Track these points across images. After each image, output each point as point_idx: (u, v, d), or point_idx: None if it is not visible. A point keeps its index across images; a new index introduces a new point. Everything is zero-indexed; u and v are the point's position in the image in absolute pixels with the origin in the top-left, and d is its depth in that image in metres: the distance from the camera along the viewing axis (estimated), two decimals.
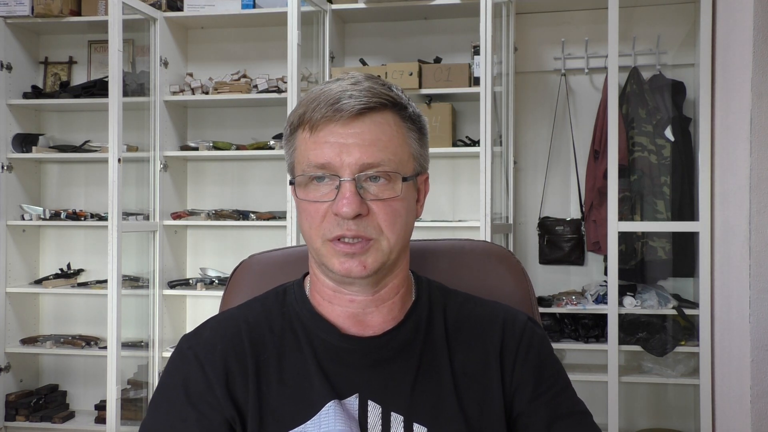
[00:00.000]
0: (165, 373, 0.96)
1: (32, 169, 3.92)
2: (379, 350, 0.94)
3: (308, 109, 0.90)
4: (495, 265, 1.15)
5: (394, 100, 0.91)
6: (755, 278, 2.20)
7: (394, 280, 0.96)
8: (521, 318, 0.99)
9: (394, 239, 0.90)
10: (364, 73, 0.94)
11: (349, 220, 0.87)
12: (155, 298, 3.53)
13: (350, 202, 0.86)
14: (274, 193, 3.75)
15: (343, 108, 0.88)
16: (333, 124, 0.88)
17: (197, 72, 3.81)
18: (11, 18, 3.65)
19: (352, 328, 0.95)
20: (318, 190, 0.90)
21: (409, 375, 0.93)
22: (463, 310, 0.99)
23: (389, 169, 0.89)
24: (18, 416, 3.64)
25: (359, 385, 0.92)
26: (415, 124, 0.94)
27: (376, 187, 0.89)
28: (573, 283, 3.58)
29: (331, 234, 0.88)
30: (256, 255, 1.18)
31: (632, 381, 3.23)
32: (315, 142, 0.89)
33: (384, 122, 0.90)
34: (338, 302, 0.95)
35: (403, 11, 3.51)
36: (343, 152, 0.87)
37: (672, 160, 3.22)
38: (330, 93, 0.89)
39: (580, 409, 0.95)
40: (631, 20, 3.42)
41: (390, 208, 0.89)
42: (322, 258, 0.91)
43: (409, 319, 0.96)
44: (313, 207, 0.90)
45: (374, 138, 0.88)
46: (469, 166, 3.56)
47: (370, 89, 0.90)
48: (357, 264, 0.89)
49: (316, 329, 0.95)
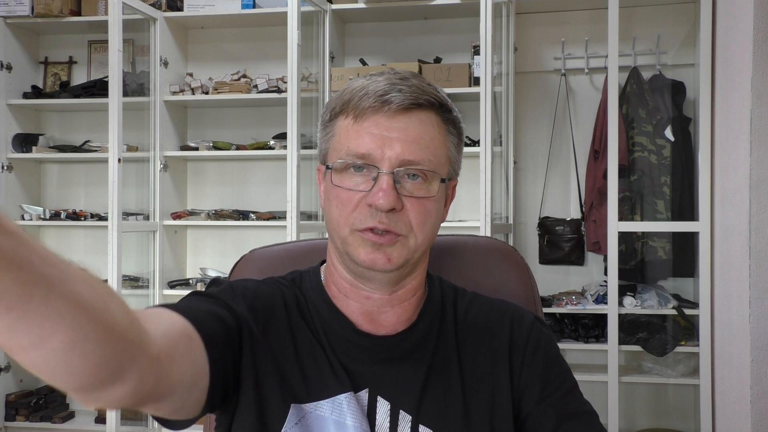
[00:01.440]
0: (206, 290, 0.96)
1: (32, 169, 3.92)
2: (391, 350, 0.93)
3: (354, 97, 0.89)
4: (498, 261, 1.15)
5: (441, 101, 0.91)
6: (755, 278, 2.20)
7: (413, 282, 0.95)
8: (528, 318, 0.99)
9: (422, 238, 0.90)
10: (409, 71, 0.94)
11: (383, 212, 0.86)
12: (155, 298, 3.53)
13: (387, 195, 0.86)
14: (274, 193, 3.75)
15: (392, 100, 0.87)
16: (379, 115, 0.88)
17: (197, 72, 3.81)
18: (11, 18, 3.65)
19: (366, 324, 0.94)
20: (353, 179, 0.89)
21: (420, 376, 0.92)
22: (471, 311, 0.99)
23: (428, 168, 0.89)
24: (18, 416, 3.64)
25: (370, 380, 0.91)
26: (456, 128, 0.95)
27: (412, 185, 0.88)
28: (573, 283, 3.58)
29: (362, 224, 0.87)
30: (258, 249, 1.18)
31: (632, 381, 3.23)
32: (357, 131, 0.88)
33: (428, 121, 0.90)
34: (354, 297, 0.94)
35: (403, 11, 3.51)
36: (386, 145, 0.87)
37: (672, 160, 3.22)
38: (378, 85, 0.89)
39: (587, 410, 0.95)
40: (631, 20, 3.42)
41: (423, 207, 0.89)
42: (347, 247, 0.90)
43: (422, 320, 0.96)
44: (347, 195, 0.89)
45: (417, 135, 0.88)
46: (469, 166, 3.52)
47: (419, 87, 0.89)
48: (382, 256, 0.88)
49: (331, 321, 0.94)
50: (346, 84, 0.94)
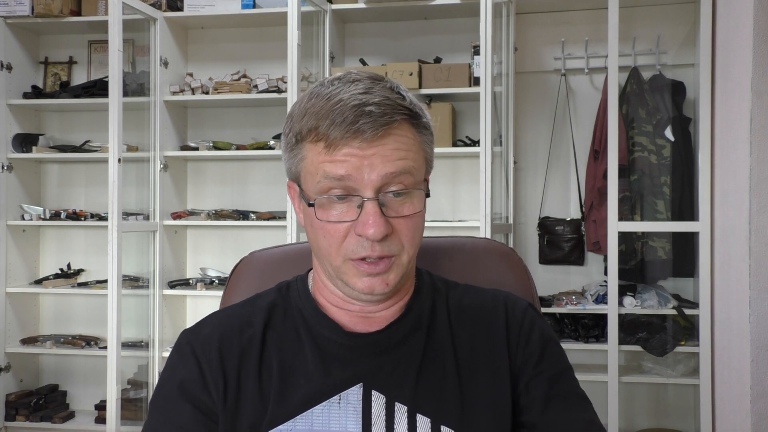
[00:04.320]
0: (164, 369, 0.96)
1: (32, 169, 3.92)
2: (383, 342, 0.93)
3: (321, 125, 0.85)
4: (496, 262, 1.14)
5: (411, 111, 0.89)
6: (755, 278, 2.20)
7: (405, 282, 0.96)
8: (522, 304, 0.99)
9: (413, 251, 0.90)
10: (367, 72, 0.90)
11: (375, 241, 0.85)
12: (155, 298, 3.53)
13: (377, 224, 0.84)
14: (274, 193, 3.75)
15: (364, 130, 0.83)
16: (353, 144, 0.84)
17: (197, 72, 3.81)
18: (11, 18, 3.65)
19: (358, 325, 0.94)
20: (336, 207, 0.87)
21: (414, 364, 0.92)
22: (465, 299, 0.99)
23: (410, 183, 0.87)
24: (18, 416, 3.64)
25: (363, 374, 0.91)
26: (427, 129, 0.92)
27: (398, 204, 0.87)
28: (573, 283, 3.58)
29: (355, 255, 0.87)
30: (257, 252, 1.18)
31: (632, 381, 3.23)
32: (332, 158, 0.85)
33: (403, 135, 0.87)
34: (346, 308, 0.95)
35: (403, 11, 3.51)
36: (365, 168, 0.84)
37: (672, 160, 3.22)
38: (345, 107, 0.84)
39: (579, 393, 0.95)
40: (631, 20, 3.42)
41: (412, 224, 0.88)
42: (342, 276, 0.89)
43: (412, 308, 0.96)
44: (333, 227, 0.87)
45: (395, 148, 0.86)
46: (469, 166, 3.56)
47: (386, 101, 0.86)
48: (380, 282, 0.88)
49: (319, 327, 0.94)
50: (305, 95, 0.90)
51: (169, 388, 0.92)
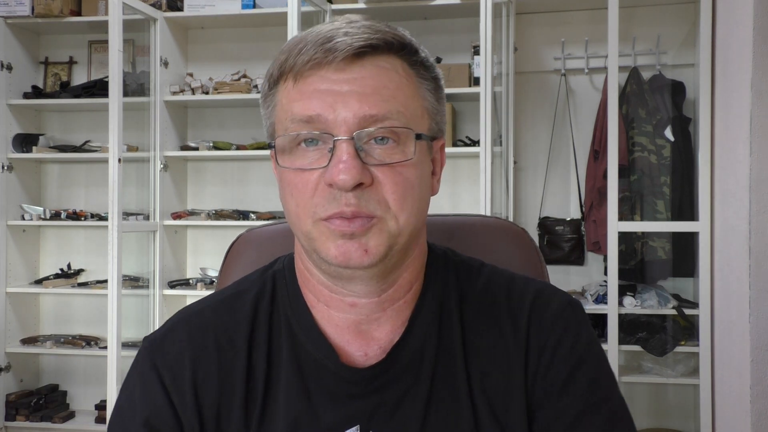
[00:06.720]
0: (122, 394, 0.78)
1: (32, 169, 3.92)
2: (382, 375, 0.76)
3: (291, 54, 0.70)
4: (507, 242, 1.06)
5: (401, 40, 0.72)
6: (755, 278, 2.20)
7: (405, 274, 0.76)
8: (557, 301, 0.78)
9: (404, 218, 0.70)
10: (363, 15, 0.75)
11: (347, 192, 0.67)
12: (155, 298, 3.53)
13: (348, 167, 0.66)
14: (274, 193, 3.74)
15: (336, 48, 0.68)
16: (324, 69, 0.69)
17: (197, 72, 3.81)
18: (11, 18, 3.65)
19: (354, 343, 0.77)
20: (306, 155, 0.70)
21: (420, 400, 0.75)
22: (485, 301, 0.79)
23: (398, 123, 0.69)
24: (18, 416, 3.64)
25: (360, 415, 0.74)
26: (428, 71, 0.75)
27: (381, 150, 0.69)
28: (573, 283, 3.58)
29: (325, 212, 0.69)
30: (255, 229, 1.11)
31: (632, 381, 3.22)
32: (300, 92, 0.70)
33: (390, 67, 0.71)
34: (337, 307, 0.76)
35: (403, 11, 3.51)
36: (338, 103, 0.68)
37: (672, 160, 3.22)
38: (320, 32, 0.70)
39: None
40: (631, 20, 3.42)
41: (399, 176, 0.69)
42: (313, 243, 0.71)
43: (415, 323, 0.77)
44: (300, 177, 0.70)
45: (378, 85, 0.69)
46: (469, 166, 3.56)
47: (370, 26, 0.71)
48: (357, 247, 0.69)
49: (312, 349, 0.76)
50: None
51: (132, 428, 0.75)
